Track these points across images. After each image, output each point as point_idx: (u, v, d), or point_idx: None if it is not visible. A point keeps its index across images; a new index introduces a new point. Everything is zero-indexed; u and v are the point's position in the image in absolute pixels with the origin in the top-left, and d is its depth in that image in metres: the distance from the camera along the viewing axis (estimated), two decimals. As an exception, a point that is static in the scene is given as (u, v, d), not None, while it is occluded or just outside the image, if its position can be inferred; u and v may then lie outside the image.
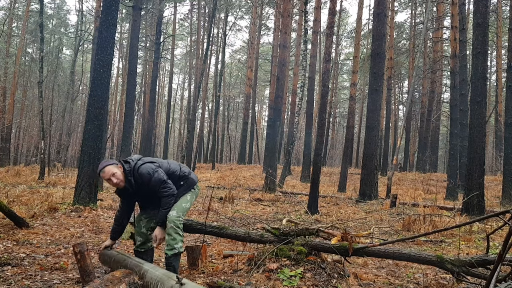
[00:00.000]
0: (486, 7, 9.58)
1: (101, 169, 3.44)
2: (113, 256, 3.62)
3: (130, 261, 3.39)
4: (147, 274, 3.08)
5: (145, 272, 3.11)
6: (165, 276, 2.88)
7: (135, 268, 3.25)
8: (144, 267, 3.18)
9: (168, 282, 2.76)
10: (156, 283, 2.90)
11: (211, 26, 22.73)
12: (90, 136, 7.72)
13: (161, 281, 2.86)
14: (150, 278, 3.02)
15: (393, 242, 3.90)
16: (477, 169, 9.05)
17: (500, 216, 2.72)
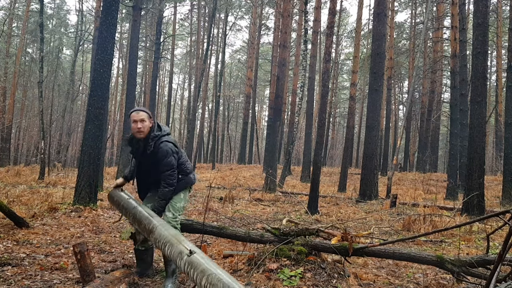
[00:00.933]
0: (486, 7, 9.58)
1: (136, 109, 3.47)
2: (123, 200, 3.48)
3: (140, 212, 3.24)
4: (155, 231, 2.93)
5: (154, 227, 2.97)
6: (175, 239, 2.73)
7: (144, 220, 3.10)
8: (154, 222, 3.03)
9: (177, 247, 2.62)
10: (164, 242, 2.76)
11: (211, 26, 22.73)
12: (90, 136, 7.72)
13: (170, 243, 2.72)
14: (158, 235, 2.88)
15: (393, 242, 3.90)
16: (477, 169, 9.05)
17: (500, 216, 2.72)
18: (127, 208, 3.39)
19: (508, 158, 12.24)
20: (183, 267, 2.49)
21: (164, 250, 2.77)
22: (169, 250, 2.70)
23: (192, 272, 2.38)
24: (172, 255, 2.65)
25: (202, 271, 2.31)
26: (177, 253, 2.58)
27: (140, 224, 3.16)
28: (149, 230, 3.00)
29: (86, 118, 8.02)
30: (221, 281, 2.19)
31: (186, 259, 2.47)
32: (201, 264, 2.36)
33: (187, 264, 2.44)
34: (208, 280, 2.23)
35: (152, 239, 2.95)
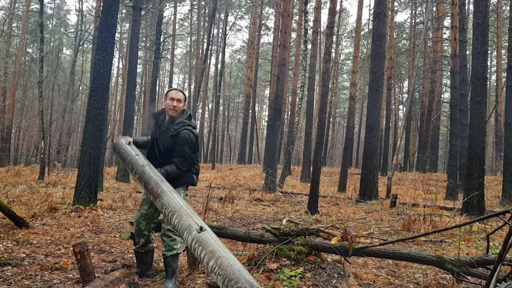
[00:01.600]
0: (486, 7, 9.58)
1: (176, 89, 3.55)
2: (130, 155, 3.26)
3: (148, 172, 3.00)
4: (163, 196, 2.80)
5: (163, 193, 2.83)
6: (184, 211, 2.59)
7: (152, 182, 2.92)
8: (163, 187, 2.89)
9: (187, 220, 2.49)
10: (172, 211, 2.63)
11: (211, 26, 22.75)
12: (90, 136, 7.72)
13: (178, 214, 2.60)
14: (166, 202, 2.73)
15: (393, 242, 3.90)
16: (477, 169, 9.05)
17: (500, 216, 2.72)
18: (134, 165, 3.18)
19: (508, 158, 12.24)
20: (189, 242, 2.38)
21: (171, 220, 2.63)
22: (176, 220, 2.56)
23: (199, 250, 2.28)
24: (179, 227, 2.51)
25: (212, 252, 2.21)
26: (185, 226, 2.45)
27: (147, 186, 2.98)
28: (156, 194, 2.85)
29: (86, 118, 8.02)
30: (232, 267, 2.09)
31: (195, 235, 2.35)
32: (211, 245, 2.25)
33: (196, 241, 2.32)
34: (218, 262, 2.14)
35: (158, 204, 2.82)
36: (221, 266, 2.11)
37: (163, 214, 2.73)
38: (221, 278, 2.09)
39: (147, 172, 3.05)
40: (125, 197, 9.57)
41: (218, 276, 2.11)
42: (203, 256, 2.23)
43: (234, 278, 2.04)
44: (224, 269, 2.08)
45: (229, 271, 2.07)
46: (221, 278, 2.09)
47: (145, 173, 3.04)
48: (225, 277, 2.06)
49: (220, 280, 2.09)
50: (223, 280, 2.07)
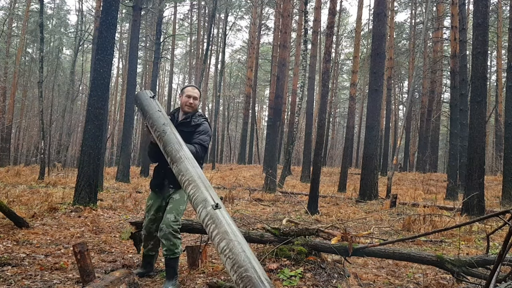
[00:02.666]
0: (486, 7, 9.58)
1: (192, 85, 3.55)
2: (152, 109, 3.05)
3: (169, 133, 2.82)
4: (182, 163, 2.67)
5: (182, 159, 2.70)
6: (202, 183, 2.48)
7: (173, 145, 2.76)
8: (182, 153, 2.74)
9: (203, 193, 2.39)
10: (189, 180, 2.51)
11: (211, 26, 22.74)
12: (90, 136, 7.72)
13: (195, 184, 2.49)
14: (184, 169, 2.62)
15: (393, 242, 3.90)
16: (477, 169, 9.05)
17: (500, 216, 2.72)
18: (155, 122, 3.00)
19: (508, 158, 12.24)
20: (202, 216, 2.29)
21: (186, 189, 2.53)
22: (192, 191, 2.47)
23: (212, 227, 2.20)
24: (194, 199, 2.42)
25: (225, 232, 2.14)
26: (201, 199, 2.36)
27: (166, 147, 2.82)
28: (175, 158, 2.69)
29: (86, 118, 8.02)
30: (244, 254, 2.02)
31: (210, 211, 2.26)
32: (225, 225, 2.17)
33: (209, 217, 2.24)
34: (229, 246, 2.07)
35: (175, 169, 2.69)
36: (232, 249, 2.04)
37: (178, 179, 2.61)
38: (231, 262, 2.03)
39: (168, 133, 2.88)
40: (125, 197, 9.57)
41: (228, 259, 2.05)
42: (215, 235, 2.16)
43: (244, 266, 1.99)
44: (235, 254, 2.02)
45: (240, 257, 2.01)
46: (231, 262, 2.03)
47: (165, 133, 2.87)
48: (235, 262, 2.00)
49: (229, 263, 2.03)
50: (233, 265, 2.01)
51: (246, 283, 1.93)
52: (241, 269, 1.97)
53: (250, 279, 1.93)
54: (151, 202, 3.56)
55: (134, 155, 33.54)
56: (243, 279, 1.94)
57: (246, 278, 1.94)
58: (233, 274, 1.99)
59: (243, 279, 1.94)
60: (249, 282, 1.92)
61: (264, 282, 1.94)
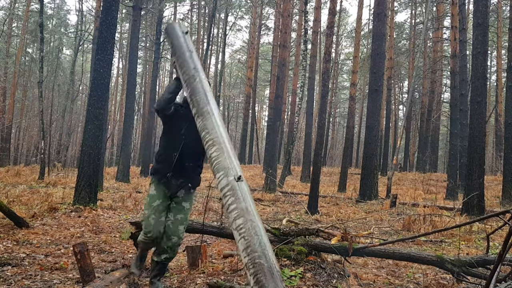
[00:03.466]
0: (486, 7, 9.58)
1: None
2: (183, 49, 2.74)
3: (198, 81, 2.51)
4: (208, 118, 2.40)
5: (208, 114, 2.42)
6: (226, 148, 2.28)
7: (200, 94, 2.47)
8: (209, 108, 2.45)
9: (226, 160, 2.20)
10: (213, 141, 2.30)
11: (211, 26, 22.75)
12: (90, 136, 7.72)
13: (219, 147, 2.26)
14: (210, 127, 2.38)
15: (393, 242, 3.90)
16: (477, 169, 9.05)
17: (500, 216, 2.72)
18: (184, 64, 2.68)
19: (508, 158, 12.24)
20: (222, 185, 2.13)
21: (208, 149, 2.32)
22: (214, 153, 2.26)
23: (230, 200, 2.06)
24: (215, 163, 2.23)
25: (245, 210, 2.01)
26: (223, 166, 2.18)
27: (193, 95, 2.52)
28: (201, 111, 2.42)
29: (86, 118, 8.02)
30: (260, 238, 1.91)
31: (231, 182, 2.10)
32: (246, 202, 2.04)
33: (230, 188, 2.08)
34: (246, 226, 1.94)
35: (199, 123, 2.42)
36: (248, 230, 1.92)
37: (201, 136, 2.38)
38: (245, 243, 1.93)
39: (198, 80, 2.56)
40: (125, 197, 9.57)
41: (242, 239, 1.95)
42: (233, 209, 2.02)
43: (258, 251, 1.89)
44: (251, 236, 1.91)
45: (255, 241, 1.90)
46: (245, 243, 1.93)
47: (195, 80, 2.57)
48: (250, 245, 1.91)
49: (242, 244, 1.93)
50: (246, 247, 1.91)
51: (257, 270, 1.85)
52: (254, 254, 1.88)
53: (262, 268, 1.86)
54: (159, 202, 3.15)
55: (134, 155, 33.53)
56: (255, 265, 1.86)
57: (259, 266, 1.86)
58: (245, 256, 1.91)
59: (255, 265, 1.86)
60: (260, 271, 1.85)
61: (275, 274, 1.87)
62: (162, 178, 3.17)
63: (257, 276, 1.84)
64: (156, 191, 3.17)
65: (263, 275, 1.84)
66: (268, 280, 1.83)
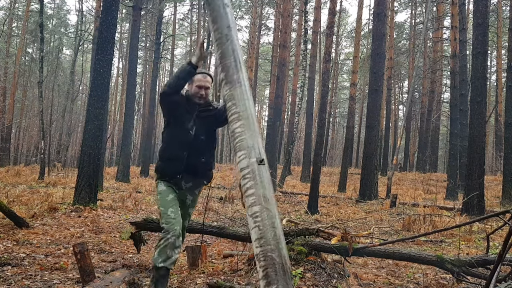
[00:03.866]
0: (486, 7, 9.59)
1: (203, 72, 3.02)
2: (220, 3, 2.38)
3: (229, 46, 2.24)
4: (237, 88, 2.20)
5: (237, 83, 2.20)
6: (252, 124, 2.13)
7: (230, 63, 2.22)
8: (240, 75, 2.21)
9: (250, 139, 2.05)
10: (238, 113, 2.13)
11: (211, 26, 22.68)
12: (90, 136, 7.72)
13: (245, 122, 2.12)
14: (237, 98, 2.20)
15: (393, 242, 3.90)
16: (477, 169, 9.05)
17: (500, 216, 2.72)
18: (218, 19, 2.39)
19: (508, 158, 12.24)
20: (242, 165, 1.98)
21: (232, 123, 2.14)
22: (238, 129, 2.07)
23: (249, 183, 1.92)
24: (238, 141, 2.06)
25: (263, 198, 1.87)
26: (246, 145, 2.03)
27: (223, 58, 2.25)
28: (230, 79, 2.20)
29: (86, 118, 8.02)
30: (275, 230, 1.81)
31: (253, 164, 1.96)
32: (265, 189, 1.91)
33: (250, 171, 1.94)
34: (263, 215, 1.82)
35: (226, 91, 2.20)
36: (264, 220, 1.82)
37: (226, 106, 2.20)
38: (259, 232, 1.83)
39: (231, 41, 2.29)
40: (125, 197, 9.57)
41: (256, 228, 1.84)
42: (250, 194, 1.89)
43: (271, 244, 1.80)
44: (266, 226, 1.81)
45: (270, 232, 1.80)
46: (259, 233, 1.83)
47: (227, 40, 2.31)
48: (263, 236, 1.81)
49: (256, 233, 1.83)
50: (260, 237, 1.81)
51: (268, 264, 1.77)
52: (267, 247, 1.79)
53: (274, 263, 1.77)
54: (172, 196, 2.95)
55: (134, 155, 33.54)
56: (266, 259, 1.78)
57: (270, 260, 1.78)
58: (257, 246, 1.82)
59: (267, 258, 1.78)
60: (271, 266, 1.77)
61: (287, 272, 1.78)
62: (171, 179, 2.98)
63: (267, 270, 1.77)
64: (165, 187, 2.97)
65: (273, 271, 1.77)
66: (279, 276, 1.76)
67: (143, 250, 4.58)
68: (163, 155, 3.02)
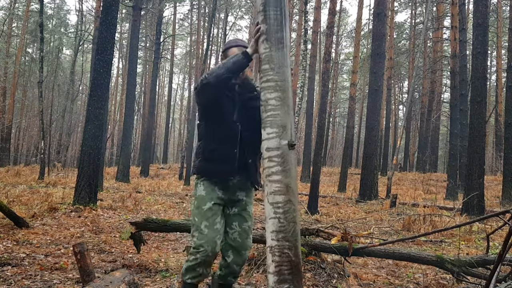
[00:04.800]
0: (486, 7, 9.59)
1: (239, 44, 2.69)
2: None
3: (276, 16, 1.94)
4: (278, 50, 1.95)
5: (280, 43, 1.96)
6: (287, 101, 1.85)
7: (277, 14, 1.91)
8: (283, 35, 1.92)
9: (285, 117, 1.80)
10: (279, 84, 1.89)
11: (211, 26, 22.72)
12: (90, 136, 7.72)
13: (281, 96, 1.86)
14: (277, 61, 1.89)
15: (393, 242, 3.90)
16: (477, 169, 9.05)
17: (500, 216, 2.72)
18: None
19: (508, 158, 12.25)
20: (270, 145, 1.76)
21: (265, 91, 1.87)
22: (273, 102, 1.81)
23: (276, 168, 1.72)
24: (270, 115, 1.82)
25: (288, 188, 1.70)
26: (280, 123, 1.77)
27: (267, 6, 2.00)
28: (271, 35, 1.87)
29: (86, 118, 8.02)
30: (295, 226, 1.70)
31: (284, 147, 1.74)
32: (291, 177, 1.74)
33: (280, 154, 1.72)
34: (285, 207, 1.67)
35: (264, 50, 1.95)
36: (286, 213, 1.67)
37: (261, 68, 1.92)
38: (277, 224, 1.69)
39: (278, 13, 1.95)
40: (125, 197, 9.57)
41: (276, 220, 1.69)
42: (274, 180, 1.69)
43: (290, 240, 1.67)
44: (288, 220, 1.66)
45: (290, 227, 1.67)
46: (277, 224, 1.69)
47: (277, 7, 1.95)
48: (282, 230, 1.68)
49: (274, 225, 1.68)
50: (278, 230, 1.68)
51: (283, 261, 1.66)
52: (285, 243, 1.67)
53: (290, 261, 1.66)
54: (211, 205, 2.43)
55: (134, 155, 33.53)
56: (281, 255, 1.66)
57: (286, 257, 1.67)
58: (272, 239, 1.68)
59: (282, 255, 1.66)
60: (286, 264, 1.66)
61: (301, 272, 1.71)
62: (220, 181, 2.47)
63: (281, 267, 1.67)
64: (205, 191, 2.46)
65: (288, 269, 1.66)
66: (292, 276, 1.66)
67: (143, 250, 4.58)
68: (206, 154, 2.50)
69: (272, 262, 1.69)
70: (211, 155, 2.48)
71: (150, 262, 4.14)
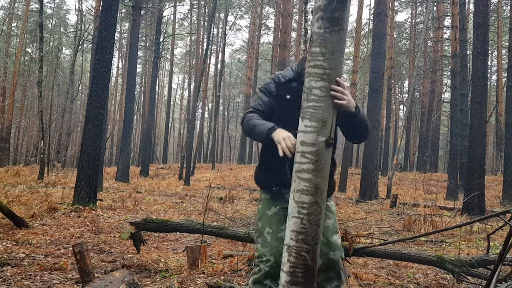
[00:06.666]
0: (486, 6, 9.58)
1: None
2: None
3: None
4: (336, 32, 1.71)
5: (337, 24, 1.71)
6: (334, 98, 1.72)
7: None
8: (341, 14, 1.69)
9: (329, 110, 1.68)
10: (327, 73, 1.70)
11: (211, 26, 22.72)
12: (89, 136, 7.71)
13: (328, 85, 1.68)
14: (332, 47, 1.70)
15: (393, 242, 3.89)
16: (477, 169, 9.05)
17: (501, 216, 2.71)
18: None
19: (509, 158, 12.24)
20: (306, 140, 1.64)
21: (310, 77, 1.70)
22: (318, 92, 1.66)
23: (307, 165, 1.60)
24: (313, 106, 1.67)
25: (318, 189, 1.59)
26: (320, 117, 1.64)
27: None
28: (329, 14, 1.66)
29: (86, 118, 8.01)
30: (319, 229, 1.63)
31: (320, 144, 1.60)
32: (322, 177, 1.62)
33: (315, 151, 1.62)
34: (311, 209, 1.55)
35: (317, 30, 1.70)
36: (310, 215, 1.57)
37: (309, 51, 1.71)
38: (299, 225, 1.59)
39: None
40: (124, 197, 9.56)
41: (298, 219, 1.59)
42: (304, 178, 1.59)
43: (310, 244, 1.58)
44: (311, 222, 1.56)
45: (312, 230, 1.57)
46: (299, 225, 1.59)
47: None
48: (303, 231, 1.58)
49: (295, 224, 1.60)
50: (298, 231, 1.58)
51: (298, 263, 1.59)
52: (303, 246, 1.58)
53: (306, 264, 1.58)
54: (276, 210, 2.17)
55: (134, 155, 33.53)
56: (298, 257, 1.58)
57: (302, 260, 1.59)
58: (291, 238, 1.60)
59: (299, 257, 1.58)
60: (302, 267, 1.57)
61: (315, 278, 1.65)
62: (272, 194, 2.20)
63: (295, 269, 1.60)
64: (270, 195, 2.22)
65: (303, 273, 1.60)
66: (308, 279, 1.60)
67: (142, 250, 4.57)
68: (265, 162, 2.25)
69: (287, 262, 1.64)
70: (267, 164, 2.23)
71: (150, 262, 4.13)
